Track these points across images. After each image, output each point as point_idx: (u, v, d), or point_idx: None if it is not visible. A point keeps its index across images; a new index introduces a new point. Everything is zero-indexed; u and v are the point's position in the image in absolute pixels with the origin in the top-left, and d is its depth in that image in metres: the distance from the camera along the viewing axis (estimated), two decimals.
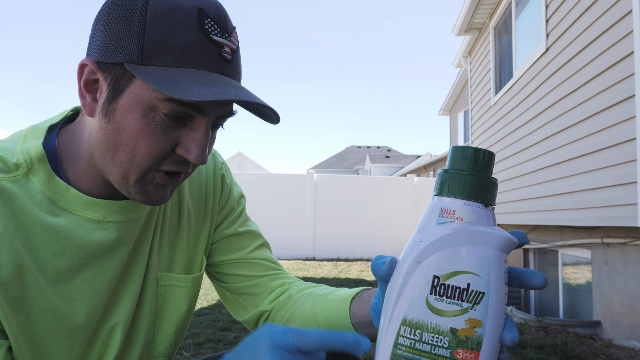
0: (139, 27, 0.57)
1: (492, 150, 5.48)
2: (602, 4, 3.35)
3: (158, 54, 0.57)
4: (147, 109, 0.59)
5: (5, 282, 0.59)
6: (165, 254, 0.78)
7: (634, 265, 3.38)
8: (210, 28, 0.59)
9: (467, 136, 13.17)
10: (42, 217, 0.63)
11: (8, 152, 0.64)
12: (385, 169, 30.00)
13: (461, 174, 0.44)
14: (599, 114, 3.39)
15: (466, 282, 0.42)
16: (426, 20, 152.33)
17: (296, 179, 9.37)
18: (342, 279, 6.79)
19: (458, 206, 0.43)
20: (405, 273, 0.44)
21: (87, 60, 0.61)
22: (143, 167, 0.61)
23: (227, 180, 0.89)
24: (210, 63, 0.59)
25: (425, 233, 0.44)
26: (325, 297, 0.77)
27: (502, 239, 0.43)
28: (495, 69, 6.25)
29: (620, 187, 3.13)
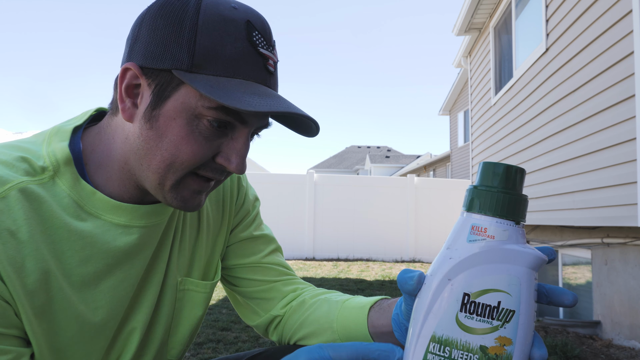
0: (190, 35, 0.57)
1: (509, 162, 5.48)
2: (602, 4, 3.35)
3: (208, 63, 0.58)
4: (192, 117, 0.59)
5: (31, 290, 0.58)
6: (185, 258, 0.78)
7: (634, 265, 3.38)
8: (257, 40, 0.60)
9: (467, 136, 13.16)
10: (69, 222, 0.62)
11: (34, 155, 0.63)
12: (385, 169, 29.99)
13: (492, 191, 0.44)
14: (599, 114, 3.39)
15: (497, 300, 0.42)
16: (426, 21, 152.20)
17: (296, 179, 9.37)
18: (342, 278, 6.79)
19: (490, 224, 0.43)
20: (435, 289, 0.44)
21: (130, 64, 0.60)
22: (181, 173, 0.62)
23: (243, 183, 0.89)
24: (257, 75, 0.60)
25: (455, 250, 0.44)
26: (342, 304, 0.77)
27: (532, 257, 0.43)
28: (495, 69, 6.25)
29: (620, 187, 3.13)
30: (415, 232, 9.36)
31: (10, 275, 0.56)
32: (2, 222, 0.57)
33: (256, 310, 0.86)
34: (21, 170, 0.61)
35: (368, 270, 7.84)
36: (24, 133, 12.48)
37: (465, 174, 13.35)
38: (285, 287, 0.86)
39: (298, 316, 0.82)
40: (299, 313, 0.82)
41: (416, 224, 9.37)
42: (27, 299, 0.58)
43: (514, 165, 0.44)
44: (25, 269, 0.58)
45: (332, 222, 9.33)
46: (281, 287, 0.86)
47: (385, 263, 8.89)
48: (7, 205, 0.57)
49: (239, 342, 3.56)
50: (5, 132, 6.67)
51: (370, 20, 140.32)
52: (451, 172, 15.69)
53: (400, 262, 9.05)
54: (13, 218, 0.57)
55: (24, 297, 0.58)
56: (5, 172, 0.59)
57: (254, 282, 0.86)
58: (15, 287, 0.57)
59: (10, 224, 0.57)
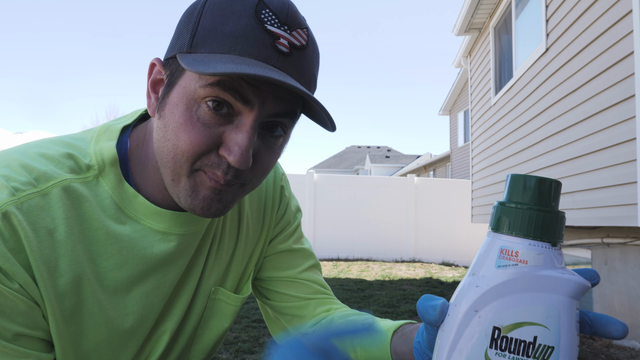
0: (196, 19, 0.55)
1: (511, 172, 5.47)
2: (602, 4, 3.35)
3: (205, 42, 0.54)
4: (192, 101, 0.55)
5: (63, 292, 0.57)
6: (221, 266, 0.75)
7: (634, 265, 3.38)
8: (266, 17, 0.54)
9: (467, 136, 13.17)
10: (108, 224, 0.60)
11: (81, 152, 0.62)
12: (385, 169, 29.99)
13: (524, 208, 0.38)
14: (599, 114, 3.39)
15: (532, 335, 0.36)
16: (426, 21, 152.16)
17: (296, 179, 9.37)
18: (342, 278, 6.79)
19: (522, 247, 0.38)
20: (460, 322, 0.38)
21: (156, 59, 0.60)
22: (186, 166, 0.56)
23: (286, 193, 0.85)
24: (257, 51, 0.53)
25: (482, 277, 0.38)
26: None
27: (573, 284, 0.37)
28: (495, 69, 6.25)
29: (620, 187, 3.13)
30: (415, 232, 9.35)
31: (43, 275, 0.55)
32: (41, 220, 0.55)
33: (286, 327, 0.83)
34: (66, 167, 0.59)
35: (368, 270, 7.84)
36: (24, 133, 12.46)
37: (465, 174, 13.35)
38: (319, 306, 0.82)
39: None
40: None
41: (416, 224, 9.37)
42: (57, 300, 0.56)
43: (548, 178, 0.39)
44: (58, 270, 0.56)
45: (332, 222, 9.33)
46: (315, 306, 0.82)
47: (385, 263, 8.89)
48: (48, 203, 0.56)
49: (239, 342, 3.55)
50: (5, 132, 6.68)
51: (370, 20, 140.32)
52: (451, 172, 15.69)
53: (400, 262, 9.05)
54: (52, 216, 0.56)
55: (55, 299, 0.56)
56: (50, 168, 0.58)
57: (287, 297, 0.82)
58: (47, 287, 0.55)
59: (48, 222, 0.56)
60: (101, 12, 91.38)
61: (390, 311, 4.69)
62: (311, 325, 0.81)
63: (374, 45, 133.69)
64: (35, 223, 0.55)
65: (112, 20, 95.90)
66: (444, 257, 9.30)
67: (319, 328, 0.77)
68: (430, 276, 7.25)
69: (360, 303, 5.04)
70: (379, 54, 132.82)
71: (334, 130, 0.61)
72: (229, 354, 3.32)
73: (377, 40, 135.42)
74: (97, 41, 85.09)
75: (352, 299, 5.22)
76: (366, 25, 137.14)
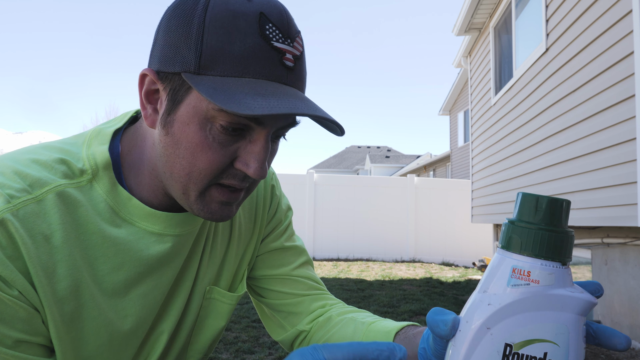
0: (197, 35, 0.55)
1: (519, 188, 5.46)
2: (602, 4, 3.35)
3: (215, 63, 0.54)
4: (204, 121, 0.56)
5: (62, 297, 0.57)
6: (214, 266, 0.77)
7: (634, 265, 3.38)
8: (271, 34, 0.56)
9: (467, 136, 13.16)
10: (104, 227, 0.61)
11: (74, 157, 0.62)
12: (385, 169, 29.99)
13: (536, 228, 0.39)
14: (599, 114, 3.39)
15: (543, 351, 0.38)
16: (426, 21, 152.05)
17: (296, 179, 9.37)
18: (342, 278, 6.79)
19: (534, 267, 0.39)
20: (472, 338, 0.40)
21: (147, 70, 0.59)
22: (202, 183, 0.59)
23: (277, 192, 0.86)
24: (270, 72, 0.56)
25: (494, 295, 0.40)
26: (367, 326, 0.74)
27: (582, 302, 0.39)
28: (495, 69, 6.25)
29: (620, 187, 3.13)
30: (415, 232, 9.35)
31: (42, 280, 0.55)
32: (38, 226, 0.56)
33: (282, 324, 0.84)
34: (60, 173, 0.60)
35: (368, 270, 7.84)
36: (24, 133, 12.41)
37: (465, 174, 13.35)
38: (314, 302, 0.84)
39: (323, 333, 0.79)
40: (324, 330, 0.80)
41: (416, 224, 9.37)
42: (56, 305, 0.57)
43: (560, 198, 0.40)
44: (56, 275, 0.57)
45: (332, 222, 9.33)
46: (310, 302, 0.83)
47: (385, 263, 8.89)
48: (43, 209, 0.57)
49: (239, 342, 3.55)
50: (5, 132, 6.66)
51: (370, 20, 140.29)
52: (451, 172, 15.69)
53: (400, 262, 9.05)
54: (48, 222, 0.56)
55: (54, 304, 0.57)
56: (43, 174, 0.58)
57: (281, 295, 0.83)
58: (46, 293, 0.56)
59: (45, 228, 0.56)
60: (101, 12, 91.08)
61: (390, 311, 4.69)
62: (308, 321, 0.82)
63: (374, 45, 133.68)
64: (31, 229, 0.55)
65: (112, 20, 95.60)
66: (444, 257, 9.30)
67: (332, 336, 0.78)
68: (430, 276, 7.25)
69: (360, 303, 5.04)
70: (379, 53, 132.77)
71: (343, 134, 0.63)
72: (229, 354, 3.32)
73: (377, 40, 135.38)
74: (97, 41, 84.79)
75: (352, 299, 5.22)
76: (366, 25, 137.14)
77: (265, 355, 3.27)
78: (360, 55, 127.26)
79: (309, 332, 0.82)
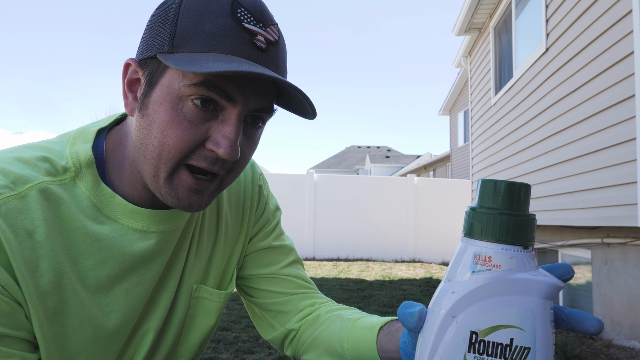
0: (173, 19, 0.57)
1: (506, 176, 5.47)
2: (602, 4, 3.36)
3: (187, 41, 0.56)
4: (176, 99, 0.57)
5: (45, 291, 0.57)
6: (201, 264, 0.77)
7: (634, 265, 3.38)
8: (242, 16, 0.57)
9: (467, 136, 13.17)
10: (87, 224, 0.61)
11: (57, 155, 0.63)
12: (385, 169, 30.00)
13: (494, 213, 0.39)
14: (599, 114, 3.39)
15: (509, 337, 0.37)
16: (426, 21, 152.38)
17: (296, 179, 9.37)
18: (342, 278, 6.79)
19: (494, 251, 0.38)
20: (438, 328, 0.39)
21: (130, 59, 0.61)
22: (171, 162, 0.59)
23: (264, 192, 0.87)
24: (239, 49, 0.56)
25: (457, 283, 0.39)
26: (353, 323, 0.75)
27: (547, 285, 0.38)
28: (495, 69, 6.25)
29: (620, 187, 3.13)
30: (415, 232, 9.36)
31: (24, 275, 0.56)
32: (20, 222, 0.56)
33: (272, 323, 0.85)
34: (42, 170, 0.60)
35: (368, 270, 7.84)
36: (24, 133, 12.43)
37: (465, 174, 13.36)
38: (303, 300, 0.84)
39: (311, 331, 0.80)
40: (313, 328, 0.80)
41: (416, 224, 9.37)
42: (39, 300, 0.57)
43: (517, 182, 0.40)
44: (39, 270, 0.57)
45: (332, 222, 9.33)
46: (298, 301, 0.84)
47: (385, 263, 8.89)
48: (26, 205, 0.57)
49: (239, 342, 3.55)
50: (5, 132, 6.69)
51: (370, 20, 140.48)
52: (451, 172, 15.69)
53: (400, 262, 9.05)
54: (31, 218, 0.57)
55: (37, 299, 0.57)
56: (26, 172, 0.59)
57: (270, 294, 0.84)
58: (29, 287, 0.56)
59: (27, 224, 0.57)
60: (101, 12, 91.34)
61: (390, 311, 4.70)
62: (297, 320, 0.83)
63: (374, 45, 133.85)
64: (14, 225, 0.55)
65: (112, 20, 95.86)
66: (444, 257, 9.30)
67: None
68: (430, 276, 7.26)
69: (360, 303, 5.04)
70: (379, 53, 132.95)
71: (315, 116, 0.63)
72: (229, 354, 3.32)
73: (377, 40, 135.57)
74: (97, 41, 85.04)
75: (352, 299, 5.22)
76: (366, 25, 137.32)
77: (265, 355, 3.27)
78: (360, 55, 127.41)
79: (298, 330, 0.82)
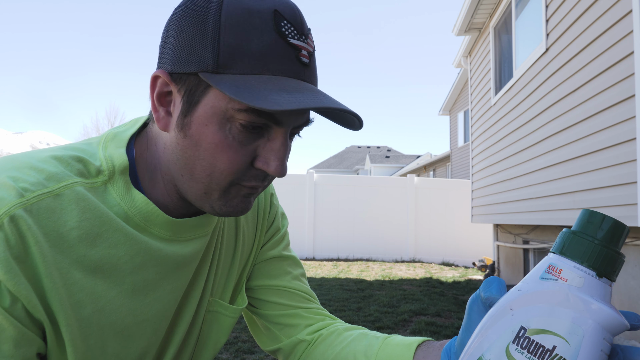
0: (214, 34, 0.53)
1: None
2: (602, 4, 3.35)
3: (234, 61, 0.53)
4: (224, 121, 0.55)
5: (79, 300, 0.54)
6: (221, 277, 0.75)
7: (634, 265, 3.38)
8: (287, 31, 0.55)
9: (467, 136, 13.16)
10: (124, 226, 0.59)
11: (91, 156, 0.60)
12: (385, 169, 29.99)
13: (580, 236, 0.42)
14: (599, 114, 3.39)
15: (553, 344, 0.39)
16: (426, 21, 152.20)
17: (296, 179, 9.37)
18: (342, 278, 6.79)
19: (566, 266, 0.41)
20: (495, 315, 0.43)
21: (159, 72, 0.57)
22: (224, 183, 0.58)
23: (275, 201, 0.86)
24: (288, 68, 0.55)
25: (525, 283, 0.43)
26: (384, 340, 0.72)
27: (607, 314, 0.39)
28: (495, 69, 6.25)
29: (620, 187, 3.13)
30: (415, 232, 9.35)
31: (56, 282, 0.52)
32: (53, 223, 0.53)
33: (277, 335, 0.82)
34: (75, 170, 0.58)
35: (368, 270, 7.84)
36: (24, 133, 12.39)
37: (465, 174, 13.35)
38: (312, 314, 0.82)
39: (329, 346, 0.76)
40: (331, 343, 0.77)
41: (416, 224, 9.37)
42: (73, 310, 0.54)
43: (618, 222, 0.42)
44: (72, 276, 0.54)
45: (332, 222, 9.33)
46: (307, 314, 0.81)
47: (385, 263, 8.89)
48: (60, 204, 0.54)
49: (239, 342, 3.55)
50: (5, 132, 6.64)
51: (370, 20, 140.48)
52: (451, 172, 15.69)
53: (400, 262, 9.05)
54: (64, 219, 0.54)
55: (70, 308, 0.53)
56: (60, 170, 0.56)
57: (278, 306, 0.81)
58: (62, 296, 0.52)
59: (60, 225, 0.53)
60: (101, 13, 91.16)
61: (390, 311, 4.69)
62: (309, 332, 0.80)
63: (374, 45, 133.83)
64: (46, 226, 0.52)
65: (112, 20, 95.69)
66: (444, 257, 9.30)
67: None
68: (430, 276, 7.25)
69: (360, 303, 5.04)
70: (379, 54, 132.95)
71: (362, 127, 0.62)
72: (229, 354, 3.32)
73: (377, 41, 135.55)
74: (97, 41, 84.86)
75: (352, 299, 5.22)
76: (367, 26, 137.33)
77: (265, 355, 3.27)
78: (360, 55, 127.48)
79: (311, 342, 0.79)
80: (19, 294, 0.49)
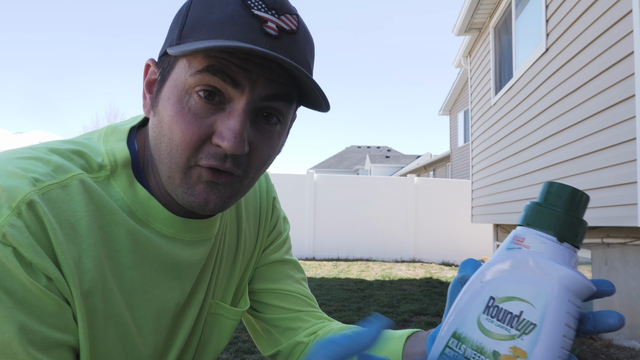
0: (185, 12, 0.56)
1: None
2: (602, 4, 3.36)
3: (193, 32, 0.54)
4: (183, 93, 0.54)
5: (88, 290, 0.53)
6: (222, 280, 0.74)
7: (634, 265, 3.39)
8: (252, 3, 0.54)
9: (467, 136, 13.16)
10: (127, 220, 0.58)
11: (91, 150, 0.59)
12: (385, 169, 30.00)
13: (541, 205, 0.44)
14: (599, 114, 3.39)
15: (519, 309, 0.41)
16: (426, 21, 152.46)
17: (296, 179, 9.37)
18: (342, 278, 6.79)
19: (528, 234, 0.43)
20: (467, 288, 0.45)
21: (149, 60, 0.60)
22: (182, 160, 0.55)
23: (277, 205, 0.85)
24: (245, 35, 0.52)
25: (494, 257, 0.45)
26: None
27: (569, 276, 0.40)
28: (495, 69, 6.25)
29: (620, 187, 3.13)
30: (415, 232, 9.36)
31: (72, 270, 0.51)
32: (64, 212, 0.52)
33: (278, 338, 0.81)
34: (77, 164, 0.57)
35: (368, 270, 7.84)
36: (24, 133, 12.41)
37: (465, 174, 13.35)
38: (311, 318, 0.82)
39: None
40: None
41: (416, 224, 9.37)
42: (83, 299, 0.53)
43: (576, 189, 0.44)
44: (82, 265, 0.53)
45: (332, 222, 9.33)
46: (306, 318, 0.81)
47: (385, 263, 8.89)
48: (69, 195, 0.53)
49: (239, 342, 3.55)
50: (5, 132, 6.65)
51: (370, 20, 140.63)
52: (451, 172, 15.69)
53: (400, 262, 9.05)
54: (74, 209, 0.53)
55: (80, 298, 0.52)
56: (64, 162, 0.55)
57: (279, 310, 0.81)
58: (75, 285, 0.52)
59: (70, 215, 0.53)
60: (101, 12, 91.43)
61: (390, 311, 4.69)
62: (306, 335, 0.80)
63: (374, 45, 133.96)
64: (58, 215, 0.51)
65: (111, 20, 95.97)
66: (444, 257, 9.30)
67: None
68: (430, 276, 7.25)
69: (360, 303, 5.04)
70: (379, 54, 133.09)
71: (329, 109, 0.60)
72: (229, 354, 3.32)
73: (377, 41, 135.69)
74: (97, 41, 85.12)
75: (352, 299, 5.22)
76: (366, 26, 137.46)
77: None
78: (360, 55, 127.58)
79: (308, 344, 0.80)
80: (51, 275, 0.49)
